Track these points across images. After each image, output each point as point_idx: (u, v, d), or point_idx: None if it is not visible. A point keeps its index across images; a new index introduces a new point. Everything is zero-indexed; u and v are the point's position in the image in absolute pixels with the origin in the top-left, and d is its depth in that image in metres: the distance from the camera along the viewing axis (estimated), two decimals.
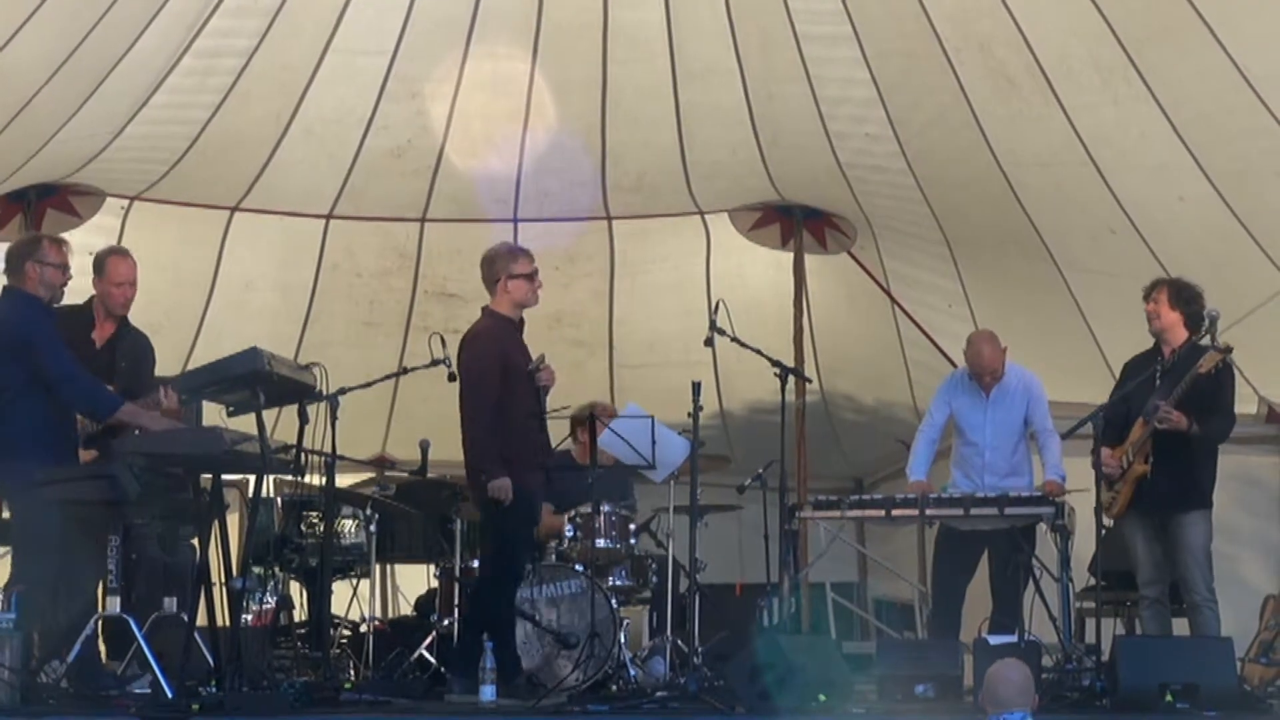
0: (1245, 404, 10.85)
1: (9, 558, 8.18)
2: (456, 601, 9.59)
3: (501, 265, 8.71)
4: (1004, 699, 6.58)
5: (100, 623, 8.12)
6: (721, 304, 9.11)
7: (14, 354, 7.89)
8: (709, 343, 9.12)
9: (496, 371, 8.51)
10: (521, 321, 8.76)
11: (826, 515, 9.70)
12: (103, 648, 8.66)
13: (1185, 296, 9.06)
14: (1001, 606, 9.44)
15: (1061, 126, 9.83)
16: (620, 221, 12.19)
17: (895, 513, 9.42)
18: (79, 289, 8.56)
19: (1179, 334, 9.07)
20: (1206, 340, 8.90)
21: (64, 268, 8.16)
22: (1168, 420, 8.72)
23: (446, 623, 9.56)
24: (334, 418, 8.83)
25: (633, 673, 9.10)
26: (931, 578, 10.18)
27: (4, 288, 8.23)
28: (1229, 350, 8.69)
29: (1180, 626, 9.26)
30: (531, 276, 8.70)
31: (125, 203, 11.41)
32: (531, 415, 8.60)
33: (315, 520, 10.11)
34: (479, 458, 8.49)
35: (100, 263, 8.91)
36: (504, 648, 8.33)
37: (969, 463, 9.79)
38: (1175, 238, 10.17)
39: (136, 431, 7.91)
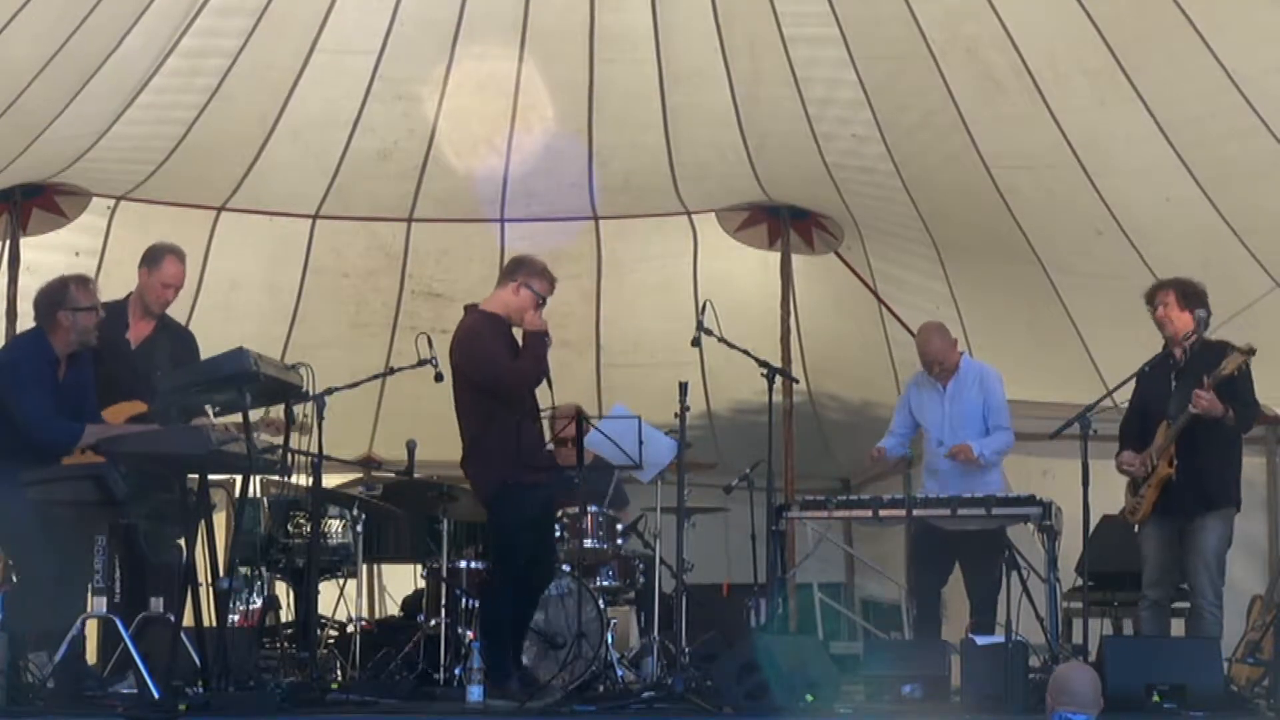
0: None
1: None
2: (444, 602, 9.58)
3: (528, 273, 8.73)
4: (1071, 698, 6.93)
5: (86, 623, 8.12)
6: (709, 304, 9.13)
7: None
8: (696, 343, 9.15)
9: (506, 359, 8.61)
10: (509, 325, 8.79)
11: (814, 515, 9.69)
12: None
13: (1194, 295, 8.93)
14: (978, 607, 9.50)
15: (1048, 128, 9.84)
16: (607, 222, 12.19)
17: (882, 513, 9.43)
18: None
19: (1191, 334, 8.92)
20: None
21: (95, 308, 8.15)
22: (1202, 404, 8.56)
23: (433, 623, 9.55)
24: (320, 418, 8.83)
25: (620, 673, 9.10)
26: (907, 580, 10.22)
27: (32, 328, 8.26)
28: (1252, 352, 8.61)
29: (1176, 628, 9.27)
30: (541, 303, 8.74)
31: (111, 202, 11.38)
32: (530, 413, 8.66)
33: (302, 520, 10.10)
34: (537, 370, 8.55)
35: (157, 256, 8.86)
36: (501, 650, 8.34)
37: (935, 462, 9.84)
38: (1162, 239, 10.18)
39: None
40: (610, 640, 9.15)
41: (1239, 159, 9.48)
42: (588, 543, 9.56)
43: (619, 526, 9.88)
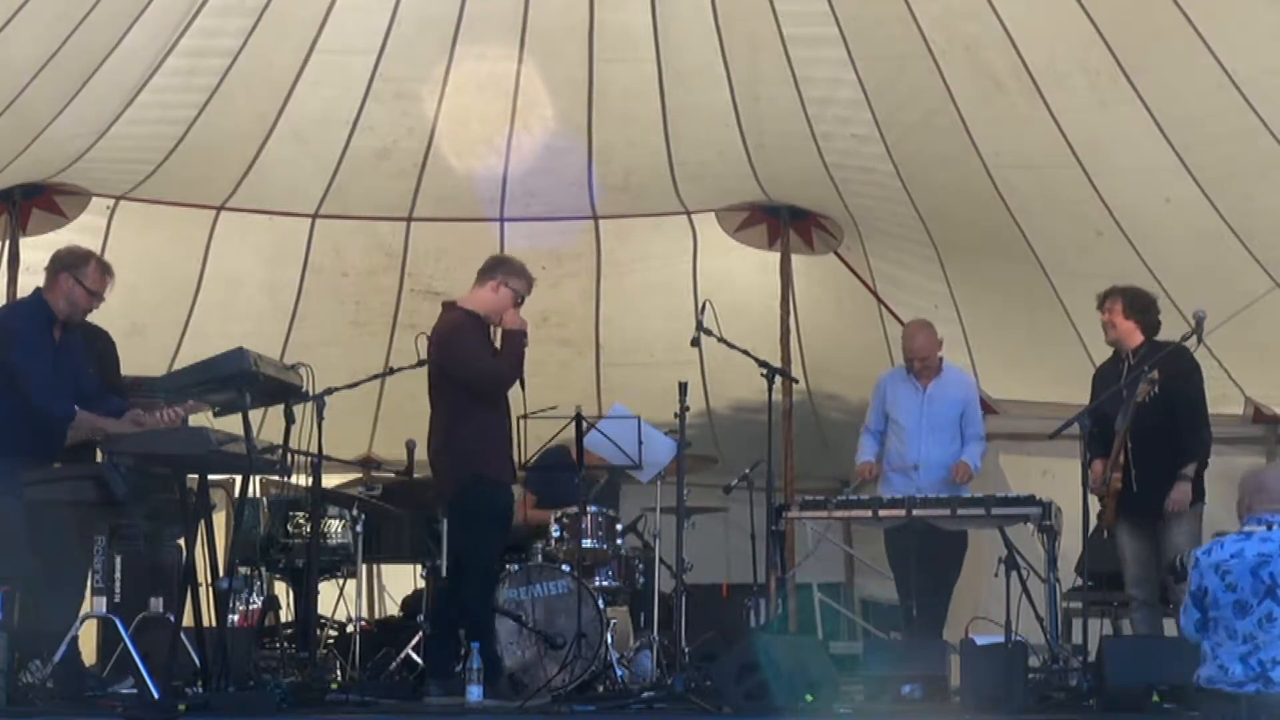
0: (1231, 405, 10.89)
1: None
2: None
3: (507, 272, 8.76)
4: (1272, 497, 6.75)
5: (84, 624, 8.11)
6: (708, 304, 9.13)
7: None
8: (695, 343, 9.14)
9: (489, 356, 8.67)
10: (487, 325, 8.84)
11: (813, 515, 9.70)
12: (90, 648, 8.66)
13: (1139, 305, 9.18)
14: (923, 607, 9.60)
15: (1048, 129, 9.83)
16: (607, 221, 12.18)
17: (882, 513, 9.44)
18: None
19: (1135, 339, 9.19)
20: (1192, 341, 8.91)
21: (97, 295, 8.13)
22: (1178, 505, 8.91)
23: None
24: (320, 418, 8.83)
25: (619, 673, 9.10)
26: (897, 584, 10.26)
27: (33, 292, 8.26)
28: (1155, 382, 8.70)
29: (1170, 628, 9.27)
30: (519, 302, 8.79)
31: (111, 202, 11.37)
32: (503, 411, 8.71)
33: (301, 520, 10.10)
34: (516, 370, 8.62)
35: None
36: (486, 649, 8.35)
37: (903, 457, 9.90)
38: (1162, 240, 10.18)
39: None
40: (610, 640, 9.14)
41: (1239, 159, 9.48)
42: (587, 542, 9.54)
43: (617, 526, 9.87)
